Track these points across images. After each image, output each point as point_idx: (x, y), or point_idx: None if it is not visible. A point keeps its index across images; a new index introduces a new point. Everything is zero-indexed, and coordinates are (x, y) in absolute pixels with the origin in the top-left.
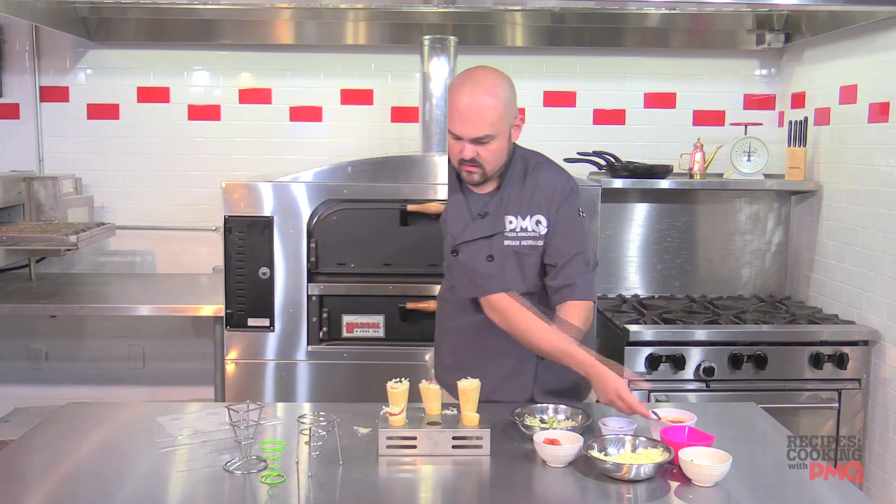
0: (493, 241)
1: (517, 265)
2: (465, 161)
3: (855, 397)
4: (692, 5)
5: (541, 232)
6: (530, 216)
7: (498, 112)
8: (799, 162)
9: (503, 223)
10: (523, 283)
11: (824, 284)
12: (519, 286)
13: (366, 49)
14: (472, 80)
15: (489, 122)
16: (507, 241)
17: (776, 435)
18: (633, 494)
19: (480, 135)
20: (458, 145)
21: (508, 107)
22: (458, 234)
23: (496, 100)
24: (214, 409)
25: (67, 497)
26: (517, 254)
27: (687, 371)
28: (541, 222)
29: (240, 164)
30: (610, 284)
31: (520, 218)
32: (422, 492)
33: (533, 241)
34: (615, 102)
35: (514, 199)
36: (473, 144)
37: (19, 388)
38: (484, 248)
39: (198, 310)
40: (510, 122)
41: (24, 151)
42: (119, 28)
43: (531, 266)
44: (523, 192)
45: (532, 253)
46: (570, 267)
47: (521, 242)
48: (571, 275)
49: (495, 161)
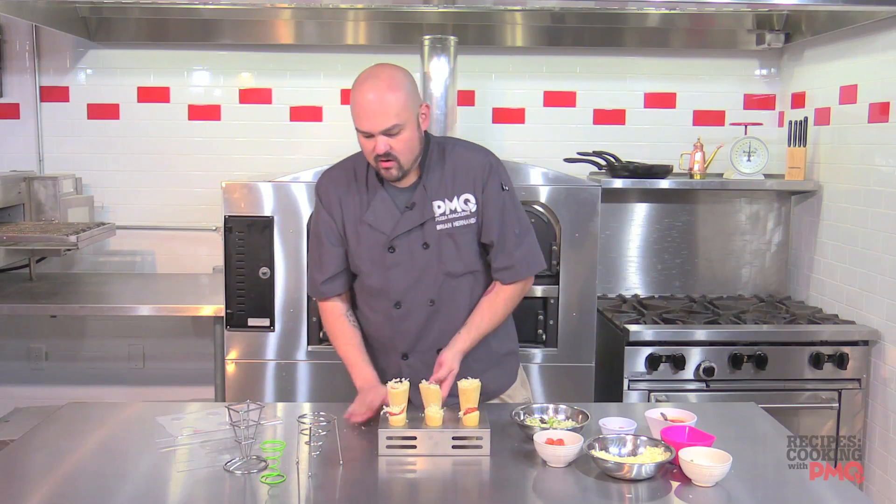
0: (426, 228)
1: (454, 247)
2: (381, 157)
3: (855, 397)
4: (692, 5)
5: (471, 209)
6: (457, 197)
7: (401, 102)
8: (799, 162)
9: (432, 209)
10: (462, 264)
11: (824, 284)
12: (458, 267)
13: (366, 49)
14: (371, 77)
15: (394, 113)
16: (439, 225)
17: (776, 435)
18: (634, 494)
19: (388, 125)
20: (370, 143)
21: (410, 96)
22: (392, 228)
23: (398, 91)
24: (214, 409)
25: (67, 497)
26: (451, 235)
27: (687, 371)
28: (469, 200)
29: (240, 164)
30: (610, 284)
31: (447, 201)
32: (422, 492)
33: (465, 220)
34: (615, 102)
35: (437, 184)
36: (385, 137)
37: (19, 388)
38: (418, 238)
39: (198, 310)
40: (415, 111)
41: (24, 151)
42: (119, 28)
43: (468, 245)
44: (444, 175)
45: (466, 231)
46: (505, 246)
47: (453, 224)
48: (508, 255)
49: (409, 151)
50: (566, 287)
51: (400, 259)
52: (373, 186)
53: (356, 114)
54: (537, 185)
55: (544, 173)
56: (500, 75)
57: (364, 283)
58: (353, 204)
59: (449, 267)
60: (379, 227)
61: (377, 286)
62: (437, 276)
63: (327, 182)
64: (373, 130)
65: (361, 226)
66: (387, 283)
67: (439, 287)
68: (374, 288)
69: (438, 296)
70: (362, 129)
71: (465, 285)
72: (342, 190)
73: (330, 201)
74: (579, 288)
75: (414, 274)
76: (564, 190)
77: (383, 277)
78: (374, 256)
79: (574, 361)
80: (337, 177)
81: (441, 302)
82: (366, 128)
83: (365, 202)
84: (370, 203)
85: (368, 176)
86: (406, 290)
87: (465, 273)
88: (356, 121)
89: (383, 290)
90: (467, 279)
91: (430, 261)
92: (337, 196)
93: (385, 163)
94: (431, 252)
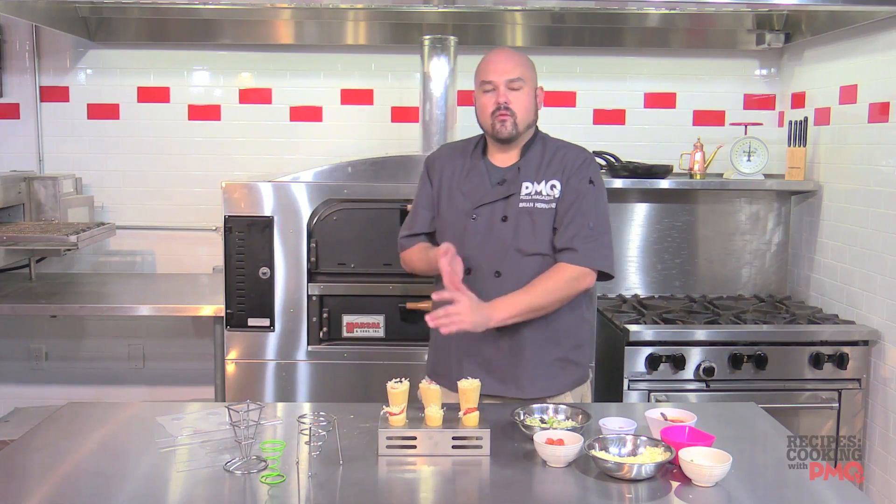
0: (509, 202)
1: (531, 224)
2: (500, 108)
3: (855, 397)
4: (692, 5)
5: (555, 195)
6: (545, 181)
7: (526, 63)
8: (799, 162)
9: (519, 187)
10: (534, 243)
11: (824, 284)
12: (529, 246)
13: (366, 49)
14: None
15: (521, 66)
16: (521, 203)
17: (776, 435)
18: (634, 494)
19: (514, 76)
20: (491, 96)
21: (533, 69)
22: (479, 199)
23: (524, 57)
24: (214, 409)
25: (67, 497)
26: (530, 213)
27: (687, 371)
28: (555, 186)
29: (240, 164)
30: (610, 284)
31: (535, 183)
32: (422, 492)
33: (546, 203)
34: (615, 102)
35: (532, 168)
36: (507, 90)
37: (19, 388)
38: (500, 210)
39: (198, 310)
40: (535, 84)
41: (24, 151)
42: (119, 28)
43: (544, 226)
44: (542, 161)
45: (545, 213)
46: (571, 228)
47: (534, 204)
48: (571, 238)
49: (525, 112)
50: None
51: (479, 228)
52: (475, 160)
53: (483, 68)
54: None
55: None
56: None
57: None
58: (455, 172)
59: (521, 243)
60: (469, 195)
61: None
62: (509, 250)
63: (436, 154)
64: (498, 79)
65: (455, 192)
66: (462, 250)
67: (508, 261)
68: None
69: (506, 270)
70: (488, 78)
71: (532, 265)
72: (450, 161)
73: (433, 169)
74: None
75: (489, 244)
76: None
77: (461, 243)
78: (458, 222)
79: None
80: (449, 149)
81: (507, 276)
82: (492, 77)
83: (465, 172)
84: (468, 174)
85: (474, 152)
86: (477, 259)
87: (534, 253)
88: (482, 75)
89: (458, 255)
90: (536, 260)
91: (506, 234)
92: (441, 165)
93: (502, 114)
94: (508, 226)
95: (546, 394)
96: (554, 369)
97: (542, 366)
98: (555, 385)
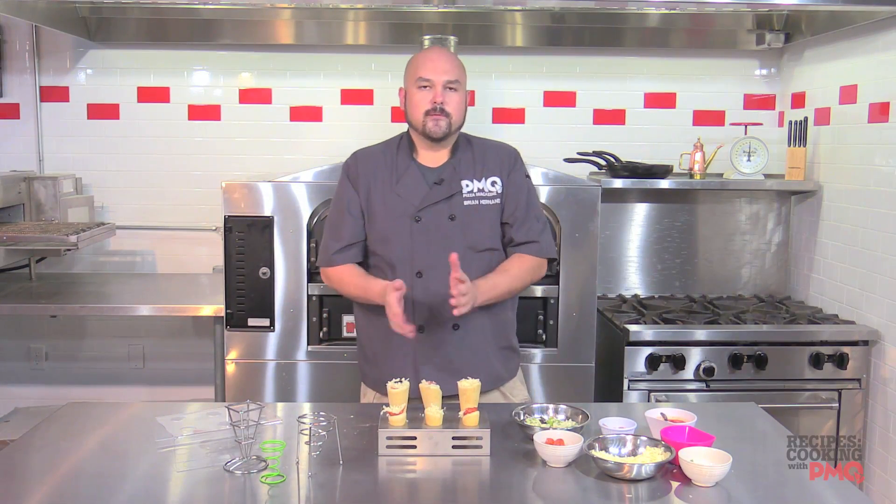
0: (452, 201)
1: (479, 221)
2: (435, 109)
3: (855, 397)
4: (692, 5)
5: (497, 191)
6: (485, 178)
7: (461, 66)
8: (799, 162)
9: (459, 185)
10: (486, 238)
11: (824, 284)
12: (481, 242)
13: (366, 49)
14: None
15: (458, 68)
16: (466, 201)
17: (776, 435)
18: (634, 494)
19: (452, 77)
20: (427, 93)
21: (465, 73)
22: (420, 200)
23: (459, 60)
24: (214, 409)
25: (67, 497)
26: (478, 210)
27: (687, 371)
28: (496, 182)
29: (240, 164)
30: (610, 284)
31: (475, 181)
32: (422, 492)
33: (490, 199)
34: (615, 102)
35: (466, 165)
36: (444, 90)
37: (19, 388)
38: (445, 210)
39: (198, 310)
40: (466, 88)
41: (24, 151)
42: (119, 28)
43: (492, 221)
44: (474, 158)
45: (491, 209)
46: (528, 222)
47: (479, 202)
48: (532, 232)
49: (458, 113)
50: (566, 287)
51: (425, 229)
52: (403, 162)
53: (420, 64)
54: (537, 185)
55: (544, 173)
56: (500, 75)
57: (387, 252)
58: (384, 177)
59: (473, 240)
60: (407, 197)
61: (401, 255)
62: (460, 248)
63: (356, 159)
64: (437, 78)
65: (390, 195)
66: (411, 252)
67: (461, 259)
68: (398, 257)
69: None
70: (427, 76)
71: (484, 261)
72: (372, 165)
73: (357, 175)
74: (579, 288)
75: (438, 243)
76: (564, 190)
77: (408, 246)
78: (400, 225)
79: (574, 361)
80: (368, 154)
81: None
82: (430, 75)
83: (395, 176)
84: (400, 177)
85: (399, 154)
86: (428, 260)
87: (486, 249)
88: (419, 71)
89: (406, 259)
90: (487, 256)
91: (455, 233)
92: (365, 170)
93: (438, 116)
94: (457, 224)
95: (500, 383)
96: (503, 358)
97: (495, 356)
98: (508, 371)
